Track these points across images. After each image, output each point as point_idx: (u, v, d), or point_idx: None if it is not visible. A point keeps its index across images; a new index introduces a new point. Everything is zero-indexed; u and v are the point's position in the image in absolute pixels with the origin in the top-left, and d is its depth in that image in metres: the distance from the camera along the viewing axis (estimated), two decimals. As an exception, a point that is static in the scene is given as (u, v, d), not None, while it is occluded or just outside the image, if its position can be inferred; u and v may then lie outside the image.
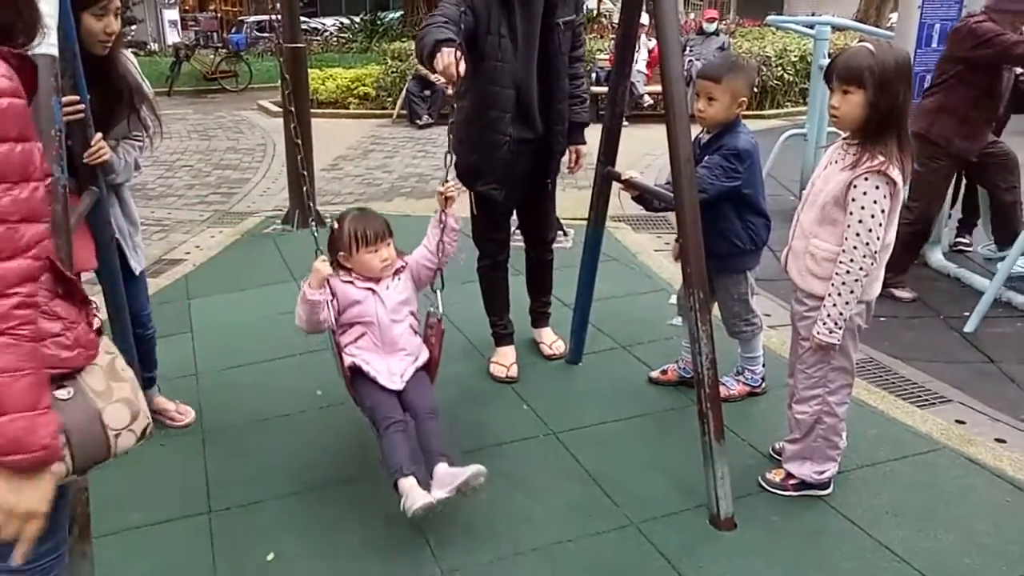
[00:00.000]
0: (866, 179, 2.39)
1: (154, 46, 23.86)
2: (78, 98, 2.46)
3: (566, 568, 2.45)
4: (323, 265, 2.70)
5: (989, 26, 4.15)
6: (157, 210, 7.33)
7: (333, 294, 2.75)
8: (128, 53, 2.99)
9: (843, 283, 2.46)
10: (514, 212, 3.71)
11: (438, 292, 2.91)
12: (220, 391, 3.57)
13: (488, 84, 3.22)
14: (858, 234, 2.41)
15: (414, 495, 2.42)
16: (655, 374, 3.57)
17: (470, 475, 2.47)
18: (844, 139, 2.53)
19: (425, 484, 2.47)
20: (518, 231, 3.82)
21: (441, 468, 2.52)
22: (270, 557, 2.50)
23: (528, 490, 2.83)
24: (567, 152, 3.55)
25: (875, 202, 2.39)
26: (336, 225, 2.80)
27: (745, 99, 3.04)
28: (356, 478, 2.89)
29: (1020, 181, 4.80)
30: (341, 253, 2.80)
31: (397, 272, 2.85)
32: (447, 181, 2.84)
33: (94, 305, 1.55)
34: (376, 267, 2.79)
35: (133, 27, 23.06)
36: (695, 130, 3.17)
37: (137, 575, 2.46)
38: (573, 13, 3.35)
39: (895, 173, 2.39)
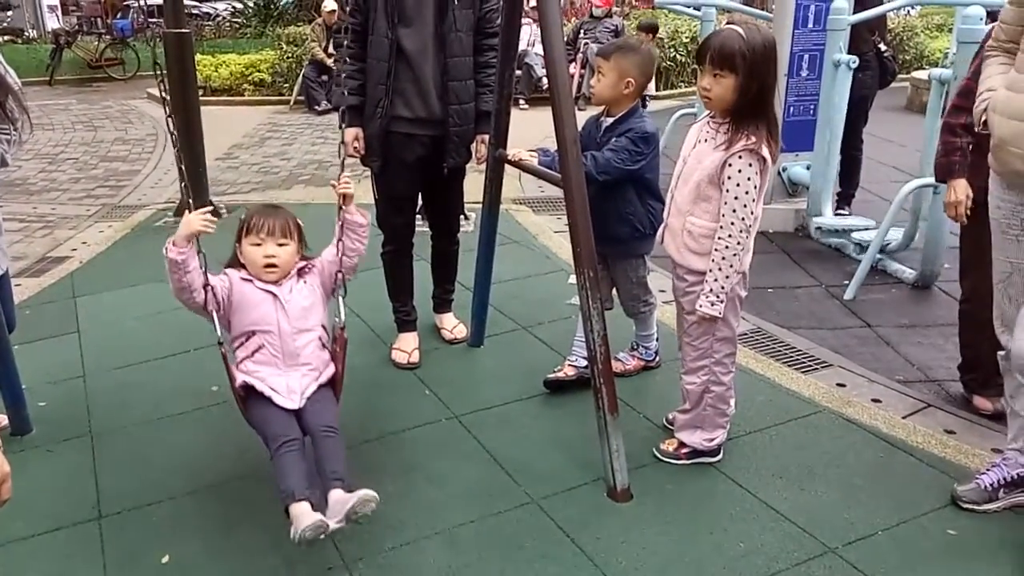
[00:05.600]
0: (740, 158, 2.49)
1: (32, 33, 22.55)
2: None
3: (467, 548, 2.48)
4: (194, 217, 2.44)
5: None
6: (40, 205, 6.97)
7: (229, 288, 2.55)
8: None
9: (723, 257, 2.56)
10: (419, 198, 3.71)
11: (340, 298, 2.70)
12: (110, 392, 3.45)
13: (370, 58, 3.28)
14: (734, 210, 2.52)
15: (302, 519, 2.18)
16: (551, 376, 3.38)
17: (356, 501, 2.23)
18: (711, 118, 2.62)
19: (320, 508, 2.26)
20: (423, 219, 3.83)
21: (335, 494, 2.28)
22: (165, 559, 2.45)
23: (430, 475, 2.85)
24: (474, 141, 3.51)
25: (748, 179, 2.50)
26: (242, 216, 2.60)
27: (632, 80, 3.01)
28: (253, 474, 2.84)
29: None
30: (236, 244, 2.60)
31: (303, 274, 2.63)
32: (341, 174, 2.70)
33: None
34: (257, 262, 2.54)
35: (8, 13, 21.75)
36: (594, 112, 3.24)
37: (23, 587, 2.38)
38: None
39: (766, 152, 2.50)
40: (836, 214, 5.63)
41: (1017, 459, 2.61)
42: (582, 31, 11.41)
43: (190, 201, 2.59)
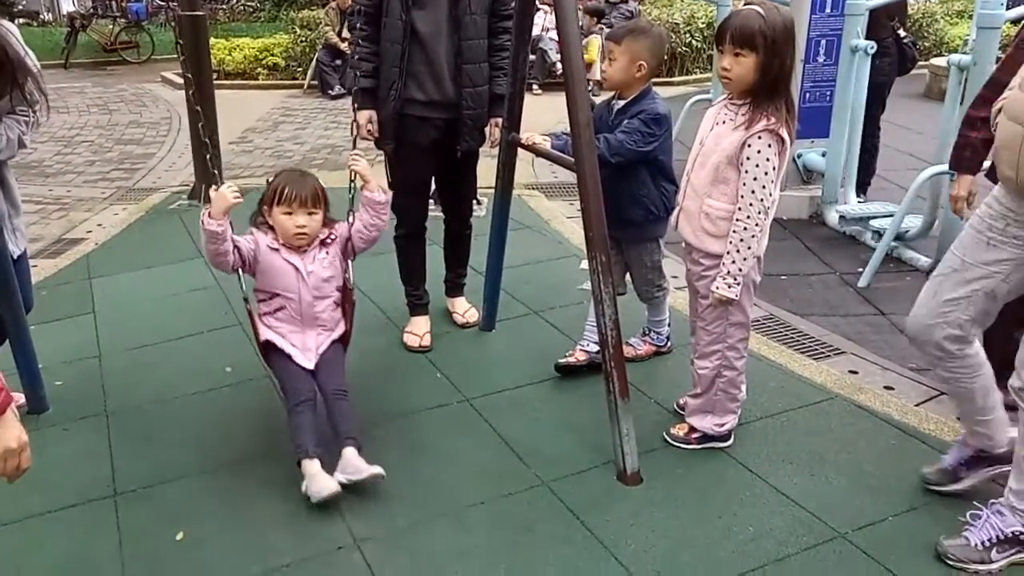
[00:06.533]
0: (759, 138, 2.48)
1: (47, 16, 22.61)
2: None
3: (477, 529, 2.50)
4: (226, 191, 2.65)
5: None
6: (56, 188, 7.02)
7: (255, 249, 2.76)
8: (9, 24, 2.85)
9: (741, 239, 2.55)
10: (433, 182, 3.72)
11: (349, 262, 2.94)
12: (125, 372, 3.48)
13: (384, 40, 3.28)
14: (753, 191, 2.50)
15: (319, 481, 2.52)
16: (563, 361, 3.39)
17: (368, 476, 2.58)
18: (728, 100, 2.60)
19: (330, 466, 2.58)
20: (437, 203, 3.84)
21: (348, 452, 2.62)
22: (179, 536, 2.48)
23: (441, 457, 2.87)
24: (488, 124, 3.51)
25: (768, 160, 2.49)
26: (270, 179, 2.81)
27: (644, 63, 3.00)
28: (267, 454, 2.87)
29: None
30: (264, 207, 2.79)
31: (326, 244, 2.84)
32: (352, 151, 2.85)
33: None
34: (289, 230, 2.75)
35: (24, -4, 21.77)
36: (606, 96, 3.23)
37: (40, 562, 2.41)
38: None
39: (785, 133, 2.49)
40: (851, 201, 5.60)
41: (1014, 515, 2.30)
42: (597, 16, 11.35)
43: (219, 177, 2.72)
